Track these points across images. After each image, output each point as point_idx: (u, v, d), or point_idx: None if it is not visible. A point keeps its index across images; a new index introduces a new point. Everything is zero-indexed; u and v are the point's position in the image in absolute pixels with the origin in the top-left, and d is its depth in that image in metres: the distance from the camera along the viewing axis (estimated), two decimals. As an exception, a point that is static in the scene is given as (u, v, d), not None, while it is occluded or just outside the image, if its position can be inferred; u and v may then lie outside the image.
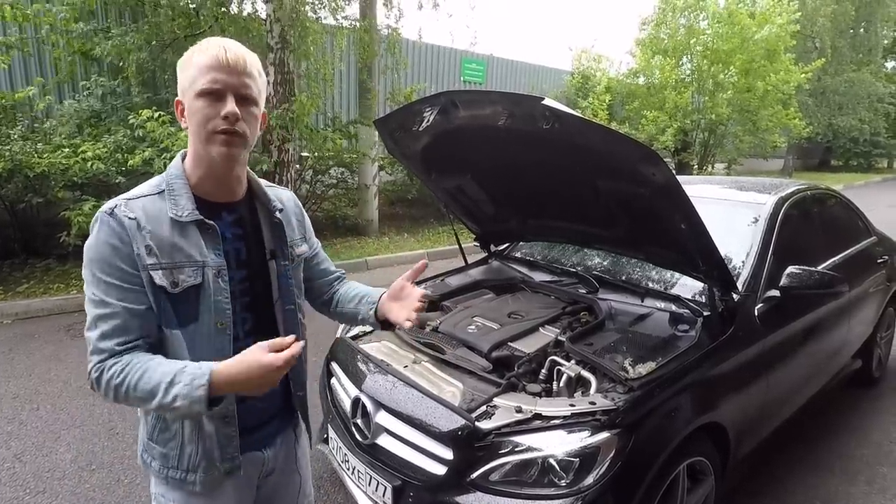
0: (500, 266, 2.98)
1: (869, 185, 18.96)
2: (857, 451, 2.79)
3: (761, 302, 2.22)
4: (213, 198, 1.07)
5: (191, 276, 1.01)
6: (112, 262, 0.96)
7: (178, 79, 1.02)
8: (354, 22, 7.51)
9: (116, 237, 0.97)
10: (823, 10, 17.39)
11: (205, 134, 0.99)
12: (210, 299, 1.03)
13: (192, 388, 0.91)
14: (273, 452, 1.21)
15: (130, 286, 0.97)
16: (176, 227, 1.01)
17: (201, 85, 0.97)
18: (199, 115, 0.98)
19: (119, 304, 0.96)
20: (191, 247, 1.01)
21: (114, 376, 0.94)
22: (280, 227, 1.16)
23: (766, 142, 13.51)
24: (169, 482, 1.09)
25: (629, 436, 1.60)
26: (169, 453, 1.07)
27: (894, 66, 25.71)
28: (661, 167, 1.61)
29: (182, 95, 1.01)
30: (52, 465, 2.55)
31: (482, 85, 12.08)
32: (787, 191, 2.81)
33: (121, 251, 0.97)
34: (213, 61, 0.97)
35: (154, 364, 0.95)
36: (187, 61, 1.00)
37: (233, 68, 0.98)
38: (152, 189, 1.04)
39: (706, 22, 12.60)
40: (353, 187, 8.23)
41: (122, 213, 0.98)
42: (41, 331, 4.24)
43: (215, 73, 0.97)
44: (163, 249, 0.99)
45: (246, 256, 1.11)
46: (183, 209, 1.02)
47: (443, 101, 1.94)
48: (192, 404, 0.91)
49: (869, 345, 3.33)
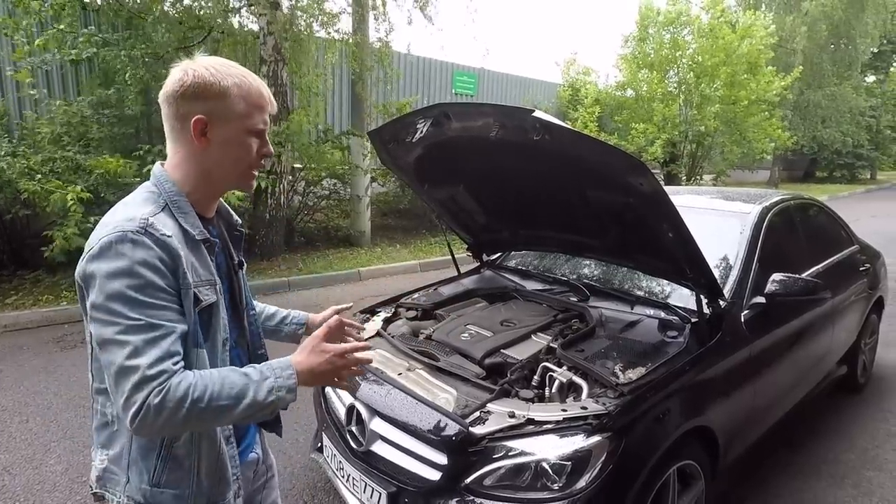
0: (492, 275, 3.01)
1: (853, 196, 19.33)
2: (843, 455, 2.84)
3: (747, 308, 2.27)
4: (205, 214, 1.09)
5: (209, 294, 1.01)
6: (155, 282, 0.90)
7: (209, 100, 0.99)
8: (346, 35, 7.60)
9: (156, 256, 0.91)
10: (799, 29, 17.92)
11: (242, 168, 1.06)
12: (219, 316, 1.04)
13: (285, 378, 0.94)
14: (259, 450, 1.27)
15: (173, 306, 0.93)
16: (190, 245, 1.00)
17: (257, 125, 1.03)
18: (246, 150, 1.04)
19: (170, 325, 0.90)
20: (204, 265, 1.02)
21: (190, 390, 0.86)
22: (240, 238, 1.21)
23: (753, 150, 13.74)
24: None
25: (620, 439, 1.63)
26: (184, 493, 1.01)
27: (874, 80, 26.37)
28: (648, 177, 1.66)
29: (215, 119, 0.99)
30: (42, 478, 2.52)
31: (474, 97, 12.22)
32: (770, 200, 2.88)
33: (162, 272, 0.91)
34: (265, 103, 1.04)
35: (225, 372, 0.94)
36: (227, 87, 0.99)
37: (271, 112, 1.06)
38: (156, 206, 0.99)
39: (691, 36, 12.87)
40: (346, 198, 8.26)
41: (158, 232, 0.92)
42: (30, 342, 4.20)
43: (265, 115, 1.05)
44: (189, 268, 0.97)
45: (225, 268, 1.15)
46: (194, 227, 1.02)
47: (436, 112, 1.99)
48: (289, 394, 0.95)
49: (854, 351, 3.40)
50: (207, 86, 0.98)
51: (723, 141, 13.15)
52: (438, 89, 11.65)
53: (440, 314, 2.56)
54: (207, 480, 1.03)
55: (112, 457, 1.01)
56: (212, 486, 1.03)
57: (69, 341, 4.24)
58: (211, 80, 0.98)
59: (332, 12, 7.12)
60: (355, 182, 7.92)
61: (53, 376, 3.59)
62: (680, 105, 12.85)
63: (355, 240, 8.01)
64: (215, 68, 1.00)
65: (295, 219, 7.61)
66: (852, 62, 21.13)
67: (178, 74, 0.99)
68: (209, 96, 0.98)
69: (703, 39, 12.27)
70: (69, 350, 4.06)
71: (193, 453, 1.01)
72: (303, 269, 6.51)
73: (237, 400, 0.90)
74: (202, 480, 1.02)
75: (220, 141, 1.01)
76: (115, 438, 1.01)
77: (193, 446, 1.01)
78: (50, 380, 3.53)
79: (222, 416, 0.91)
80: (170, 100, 1.00)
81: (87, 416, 3.04)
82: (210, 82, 0.98)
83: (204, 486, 1.02)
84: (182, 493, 1.00)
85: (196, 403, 0.86)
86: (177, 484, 1.00)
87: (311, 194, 7.79)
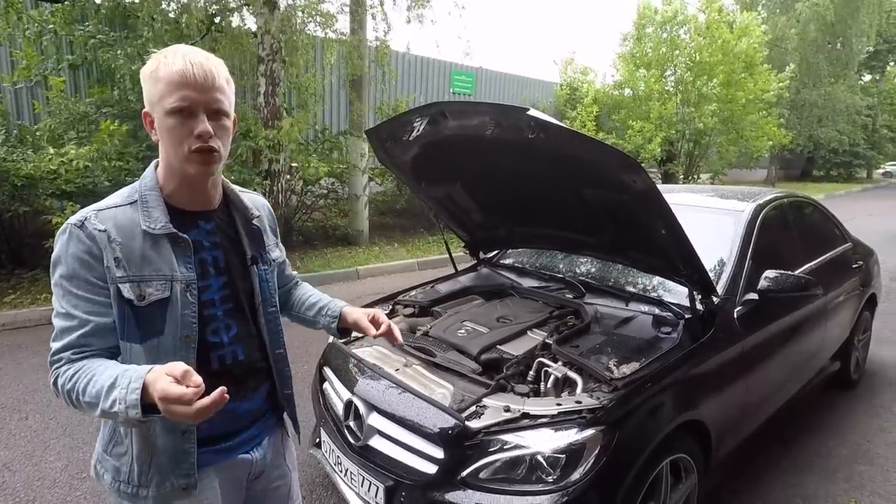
0: (488, 273, 3.04)
1: (849, 195, 19.43)
2: (835, 450, 2.88)
3: (740, 305, 2.30)
4: (189, 207, 1.07)
5: (158, 289, 1.00)
6: (81, 275, 0.96)
7: (144, 90, 1.00)
8: (344, 35, 7.62)
9: (86, 250, 0.95)
10: (790, 31, 18.06)
11: (181, 154, 0.99)
12: (177, 313, 1.02)
13: (129, 391, 0.86)
14: (261, 453, 1.21)
15: (98, 299, 0.97)
16: (148, 240, 1.00)
17: (171, 103, 0.95)
18: (172, 134, 0.98)
19: (85, 317, 0.95)
20: (161, 260, 1.01)
21: (66, 381, 0.92)
22: (258, 233, 1.19)
23: (751, 149, 13.81)
24: (121, 495, 1.07)
25: (614, 433, 1.65)
26: (121, 468, 1.05)
27: (870, 79, 26.49)
28: (641, 175, 1.69)
29: (150, 108, 1.00)
30: (42, 474, 2.54)
31: (471, 96, 12.25)
32: (764, 199, 2.91)
33: (90, 264, 0.96)
34: (181, 77, 0.95)
35: (102, 368, 0.93)
36: (153, 73, 0.97)
37: (202, 84, 0.96)
38: (124, 199, 1.02)
39: (688, 35, 12.92)
40: (344, 198, 8.28)
41: (91, 226, 0.96)
42: (29, 341, 4.20)
43: (185, 91, 0.95)
44: (132, 262, 0.98)
45: (224, 263, 1.11)
46: (156, 221, 1.01)
47: (432, 111, 2.01)
48: (129, 409, 0.86)
49: (847, 347, 3.43)
50: (142, 76, 1.00)
51: (721, 140, 13.19)
52: (436, 89, 11.68)
53: (437, 311, 2.58)
54: (137, 465, 1.04)
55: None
56: (141, 472, 1.04)
57: (68, 340, 4.25)
58: (143, 69, 1.00)
59: (329, 12, 7.13)
60: (353, 181, 7.94)
61: (52, 374, 3.60)
62: (677, 104, 12.89)
63: (353, 239, 8.03)
64: (158, 54, 0.99)
65: (293, 218, 7.62)
66: (849, 62, 21.24)
67: None
68: (144, 86, 1.00)
69: (700, 38, 12.32)
70: (68, 348, 4.07)
71: (128, 436, 1.05)
72: (301, 268, 6.52)
73: (95, 400, 0.90)
74: (134, 462, 1.05)
75: (158, 129, 1.00)
76: None
77: (128, 430, 1.04)
78: (48, 377, 3.54)
79: (90, 411, 0.92)
80: None
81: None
82: (142, 72, 1.00)
83: (134, 469, 1.05)
84: (120, 468, 1.06)
85: (69, 393, 0.93)
86: (118, 457, 1.06)
87: (308, 193, 7.81)
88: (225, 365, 1.11)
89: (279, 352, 1.22)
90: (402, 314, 2.60)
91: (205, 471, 1.09)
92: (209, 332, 1.08)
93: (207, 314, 1.07)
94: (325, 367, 2.31)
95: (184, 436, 1.04)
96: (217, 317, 1.09)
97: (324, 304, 1.41)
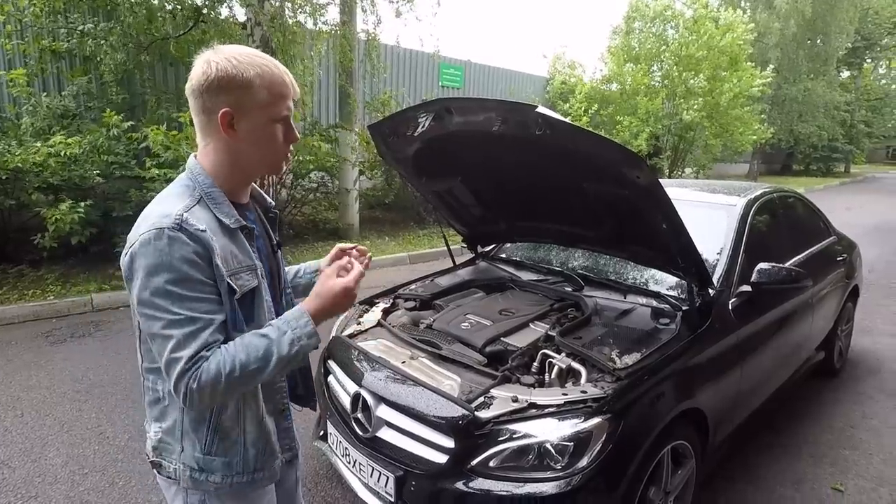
0: (487, 266, 3.08)
1: (828, 189, 19.86)
2: (821, 436, 2.99)
3: (734, 296, 2.38)
4: (239, 200, 1.14)
5: (249, 279, 1.06)
6: (193, 276, 0.95)
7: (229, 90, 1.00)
8: (334, 27, 7.55)
9: (192, 251, 0.95)
10: (773, 26, 18.37)
11: (273, 159, 1.09)
12: (263, 299, 1.10)
13: (302, 326, 1.00)
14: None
15: (213, 297, 0.99)
16: (227, 234, 1.05)
17: (281, 112, 1.05)
18: (273, 139, 1.06)
19: (208, 317, 0.97)
20: (243, 252, 1.07)
21: (220, 366, 0.93)
22: (275, 221, 1.27)
23: (735, 143, 14.02)
24: (233, 488, 1.10)
25: (619, 421, 1.71)
26: (232, 461, 1.09)
27: (848, 75, 27.05)
28: (644, 170, 1.74)
29: (239, 110, 1.01)
30: (42, 471, 2.52)
31: (460, 90, 12.22)
32: (755, 193, 2.99)
33: (199, 265, 0.96)
34: (287, 91, 1.05)
35: (245, 341, 0.98)
36: (250, 78, 1.00)
37: (295, 96, 1.07)
38: (191, 199, 1.03)
39: (674, 31, 13.05)
40: (334, 191, 8.24)
41: (191, 227, 0.96)
42: (18, 338, 4.14)
43: (289, 102, 1.06)
44: (226, 257, 1.02)
45: (266, 251, 1.20)
46: (230, 216, 1.06)
47: (437, 107, 2.04)
48: (310, 339, 1.00)
49: (831, 338, 3.55)
50: (230, 78, 0.99)
51: (707, 135, 13.38)
52: (425, 82, 11.63)
53: (439, 304, 2.61)
54: (254, 449, 1.12)
55: (165, 429, 1.09)
56: (258, 454, 1.12)
57: (58, 335, 4.19)
58: (233, 72, 0.99)
59: (319, 3, 7.06)
60: (343, 175, 7.90)
61: (45, 370, 3.56)
62: (663, 99, 13.04)
63: (344, 233, 8.01)
64: (237, 59, 1.00)
65: (283, 212, 7.57)
66: (828, 58, 21.64)
67: (202, 68, 1.00)
68: (233, 88, 1.00)
69: (686, 32, 12.45)
70: (59, 344, 4.02)
71: (239, 426, 1.10)
72: (292, 262, 6.40)
73: (265, 360, 0.97)
74: (248, 449, 1.11)
75: (246, 131, 1.03)
76: (167, 412, 1.08)
77: (239, 419, 1.10)
78: (42, 374, 3.50)
79: (257, 376, 0.98)
80: (195, 94, 1.02)
81: (82, 410, 3.06)
82: (232, 74, 0.99)
83: (250, 455, 1.11)
84: (231, 461, 1.10)
85: (230, 376, 0.94)
86: (225, 452, 1.09)
87: (298, 187, 7.76)
88: None
89: None
90: (403, 308, 2.63)
91: None
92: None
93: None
94: (330, 360, 2.33)
95: (282, 413, 1.18)
96: (267, 301, 1.15)
97: (297, 267, 1.46)
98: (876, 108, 28.85)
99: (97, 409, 3.08)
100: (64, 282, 5.15)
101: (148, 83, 6.91)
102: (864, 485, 2.58)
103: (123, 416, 3.01)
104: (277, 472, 1.18)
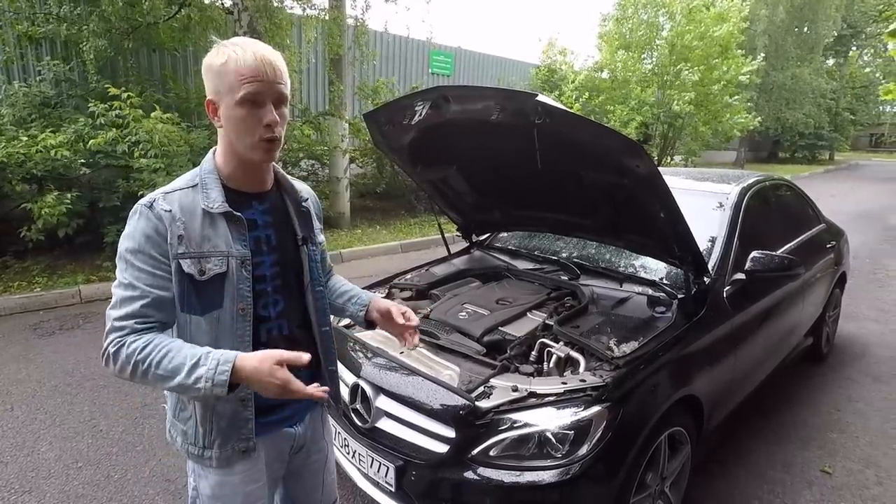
0: (482, 255, 3.07)
1: (813, 177, 20.10)
2: (809, 420, 3.05)
3: (729, 284, 2.40)
4: (245, 188, 1.15)
5: (217, 264, 1.07)
6: (146, 250, 1.03)
7: (209, 80, 1.06)
8: (323, 12, 7.42)
9: (153, 228, 1.03)
10: (761, 11, 18.44)
11: (250, 141, 1.06)
12: (233, 287, 1.09)
13: (217, 372, 0.97)
14: (303, 429, 1.29)
15: (159, 273, 1.04)
16: (207, 219, 1.08)
17: (242, 94, 1.02)
18: (242, 123, 1.04)
19: (146, 289, 1.03)
20: (218, 237, 1.08)
21: (136, 351, 0.99)
22: (308, 215, 1.26)
23: (724, 129, 14.06)
24: (190, 456, 1.18)
25: (618, 409, 1.73)
26: (187, 431, 1.16)
27: (833, 63, 27.27)
28: (644, 159, 1.73)
29: (216, 97, 1.06)
30: (35, 465, 2.49)
31: (450, 77, 12.13)
32: (748, 181, 3.01)
33: (155, 240, 1.03)
34: (254, 72, 1.02)
35: (177, 346, 1.01)
36: (223, 65, 1.03)
37: (270, 77, 1.03)
38: (187, 183, 1.11)
39: (665, 19, 13.01)
40: (325, 180, 8.16)
41: (159, 206, 1.05)
42: (5, 330, 4.07)
43: (256, 84, 1.02)
44: (193, 239, 1.06)
45: (276, 242, 1.18)
46: (213, 201, 1.08)
47: (435, 95, 2.01)
48: (215, 387, 0.97)
49: (819, 324, 3.61)
50: (208, 67, 1.05)
51: (695, 122, 13.41)
52: (415, 69, 11.52)
53: (435, 294, 2.60)
54: (202, 429, 1.14)
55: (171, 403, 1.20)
56: (205, 434, 1.14)
57: (46, 328, 4.13)
58: (210, 60, 1.05)
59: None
60: (334, 163, 7.82)
61: (34, 364, 3.50)
62: (655, 89, 13.03)
63: (335, 221, 7.95)
64: (224, 46, 1.05)
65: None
66: (815, 45, 21.78)
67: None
68: (211, 76, 1.05)
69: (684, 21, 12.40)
70: (47, 337, 3.96)
71: (191, 402, 1.14)
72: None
73: (171, 375, 0.99)
74: (198, 425, 1.14)
75: (224, 117, 1.06)
76: None
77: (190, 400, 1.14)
78: (31, 367, 3.45)
79: (158, 383, 1.00)
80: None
81: (74, 404, 3.02)
82: (209, 63, 1.05)
83: (200, 432, 1.14)
84: (187, 431, 1.16)
85: (138, 365, 0.99)
86: (184, 422, 1.16)
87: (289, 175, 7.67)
88: (271, 337, 1.18)
89: (325, 329, 1.29)
90: (399, 297, 2.62)
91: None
92: (259, 307, 1.15)
93: (259, 289, 1.14)
94: (327, 351, 2.31)
95: (242, 403, 1.13)
96: (267, 292, 1.16)
97: (354, 293, 1.46)
98: (860, 96, 29.17)
99: (90, 402, 3.04)
100: (51, 273, 5.06)
101: (132, 70, 6.75)
102: (851, 466, 2.64)
103: (117, 408, 2.98)
104: (232, 460, 1.15)
